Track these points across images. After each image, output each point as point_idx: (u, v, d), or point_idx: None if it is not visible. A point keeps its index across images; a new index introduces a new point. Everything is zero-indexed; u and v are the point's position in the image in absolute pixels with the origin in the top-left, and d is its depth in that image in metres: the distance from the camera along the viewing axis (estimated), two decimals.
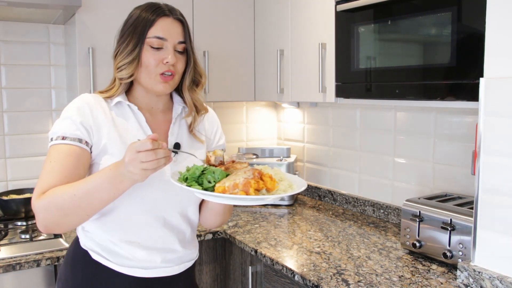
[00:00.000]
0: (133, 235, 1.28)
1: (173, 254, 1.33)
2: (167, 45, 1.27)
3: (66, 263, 1.36)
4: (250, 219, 2.21)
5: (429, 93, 1.53)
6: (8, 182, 2.29)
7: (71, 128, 1.21)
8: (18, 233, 2.00)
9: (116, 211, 1.26)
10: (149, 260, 1.29)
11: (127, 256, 1.28)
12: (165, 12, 1.28)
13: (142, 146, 1.03)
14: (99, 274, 1.28)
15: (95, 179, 1.12)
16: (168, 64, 1.26)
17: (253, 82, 2.51)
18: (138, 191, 1.24)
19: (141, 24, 1.27)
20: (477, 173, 1.30)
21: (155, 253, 1.30)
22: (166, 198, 1.30)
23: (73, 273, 1.32)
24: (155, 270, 1.30)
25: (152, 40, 1.26)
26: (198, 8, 2.29)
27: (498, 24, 1.24)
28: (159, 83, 1.28)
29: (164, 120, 1.37)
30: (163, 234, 1.31)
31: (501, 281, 1.24)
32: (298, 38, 2.17)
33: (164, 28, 1.27)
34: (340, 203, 2.44)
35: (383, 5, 1.64)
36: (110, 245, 1.28)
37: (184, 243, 1.36)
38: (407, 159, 2.09)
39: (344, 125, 2.43)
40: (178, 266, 1.34)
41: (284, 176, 1.16)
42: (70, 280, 1.32)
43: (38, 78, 2.32)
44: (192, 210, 1.38)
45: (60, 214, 1.14)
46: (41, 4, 1.83)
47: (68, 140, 1.20)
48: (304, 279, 1.55)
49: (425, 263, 1.64)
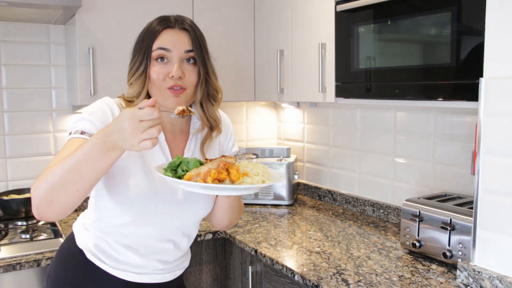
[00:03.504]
0: (133, 242, 1.28)
1: (167, 265, 1.35)
2: (172, 56, 1.21)
3: (58, 260, 1.35)
4: (250, 219, 2.21)
5: (429, 93, 1.53)
6: (8, 182, 2.29)
7: (90, 128, 1.17)
8: (18, 233, 2.00)
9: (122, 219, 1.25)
10: (143, 266, 1.30)
11: (122, 259, 1.28)
12: (170, 24, 1.23)
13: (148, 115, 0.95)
14: (90, 274, 1.28)
15: (82, 148, 1.02)
16: (174, 78, 1.20)
17: (253, 82, 2.52)
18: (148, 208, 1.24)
19: (147, 37, 1.24)
20: (477, 173, 1.30)
21: (150, 260, 1.31)
22: (175, 221, 1.30)
23: (64, 270, 1.32)
24: (147, 276, 1.31)
25: (156, 52, 1.21)
26: (198, 8, 2.29)
27: (498, 24, 1.24)
28: (169, 98, 1.21)
29: (182, 139, 1.33)
30: (162, 247, 1.32)
31: (501, 281, 1.24)
32: (298, 38, 2.17)
33: (168, 39, 1.22)
34: (340, 203, 2.44)
35: (383, 5, 1.64)
36: (106, 247, 1.28)
37: (180, 255, 1.39)
38: (407, 159, 2.09)
39: (344, 125, 2.43)
40: (169, 274, 1.36)
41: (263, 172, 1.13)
42: (60, 277, 1.32)
43: (38, 78, 2.32)
44: (194, 229, 1.39)
45: (49, 190, 1.03)
46: (41, 4, 1.83)
47: (86, 136, 1.15)
48: (304, 279, 1.55)
49: (425, 263, 1.64)
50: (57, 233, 2.00)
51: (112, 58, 2.09)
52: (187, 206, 1.29)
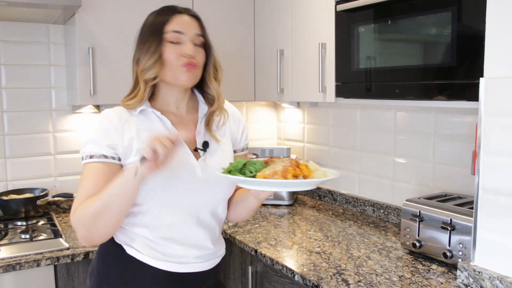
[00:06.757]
0: (168, 233, 1.31)
1: (205, 251, 1.36)
2: (184, 38, 1.30)
3: (99, 257, 1.38)
4: (250, 219, 2.21)
5: (429, 93, 1.53)
6: (8, 182, 2.29)
7: (97, 150, 1.27)
8: (18, 233, 2.00)
9: (151, 211, 1.29)
10: (183, 256, 1.32)
11: (162, 251, 1.30)
12: (179, 10, 1.34)
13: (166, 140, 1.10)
14: (132, 268, 1.31)
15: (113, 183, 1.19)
16: (188, 55, 1.29)
17: (253, 82, 2.51)
18: (171, 192, 1.28)
19: (158, 24, 1.32)
20: (477, 173, 1.30)
21: (189, 249, 1.33)
22: (199, 197, 1.33)
23: (106, 267, 1.35)
24: (188, 266, 1.33)
25: (170, 35, 1.30)
26: (198, 8, 2.29)
27: (498, 24, 1.24)
28: (183, 74, 1.30)
29: (190, 120, 1.40)
30: (196, 232, 1.34)
31: (501, 281, 1.24)
32: (298, 38, 2.17)
33: (180, 22, 1.31)
34: (340, 203, 2.44)
35: (383, 5, 1.64)
36: (145, 240, 1.30)
37: (214, 240, 1.40)
38: (407, 159, 2.09)
39: (344, 125, 2.43)
40: (208, 262, 1.38)
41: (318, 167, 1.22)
42: (103, 273, 1.35)
43: (38, 78, 2.32)
44: (222, 208, 1.41)
45: (90, 222, 1.21)
46: (41, 4, 1.83)
47: (95, 158, 1.26)
48: (304, 279, 1.55)
49: (425, 263, 1.64)
50: (57, 233, 2.00)
51: (112, 58, 2.09)
52: (208, 185, 1.33)
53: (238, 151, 1.49)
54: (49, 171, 2.37)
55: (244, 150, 1.51)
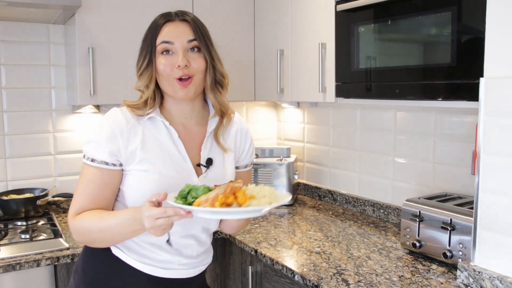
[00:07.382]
0: (157, 240, 1.30)
1: (192, 259, 1.37)
2: (175, 48, 1.26)
3: (85, 255, 1.38)
4: (250, 219, 2.21)
5: (429, 93, 1.53)
6: (8, 182, 2.29)
7: (98, 153, 1.25)
8: (18, 233, 2.00)
9: None
10: (168, 261, 1.32)
11: (149, 255, 1.31)
12: (170, 18, 1.29)
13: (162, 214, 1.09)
14: (117, 269, 1.31)
15: (117, 219, 1.21)
16: (180, 67, 1.25)
17: (253, 82, 2.51)
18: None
19: (150, 33, 1.30)
20: (477, 173, 1.30)
21: (176, 256, 1.33)
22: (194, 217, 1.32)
23: (91, 266, 1.34)
24: (173, 271, 1.33)
25: (160, 46, 1.27)
26: (198, 8, 2.29)
27: (498, 24, 1.24)
28: (178, 90, 1.27)
29: (198, 133, 1.37)
30: (186, 243, 1.34)
31: (501, 281, 1.24)
32: (298, 38, 2.17)
33: (169, 32, 1.27)
34: (340, 203, 2.44)
35: (383, 5, 1.64)
36: (132, 244, 1.30)
37: (203, 251, 1.41)
38: (407, 159, 2.09)
39: (344, 125, 2.43)
40: (194, 269, 1.38)
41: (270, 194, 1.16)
42: (87, 272, 1.35)
43: (38, 78, 2.32)
44: (214, 223, 1.41)
45: (89, 240, 1.29)
46: (41, 4, 1.83)
47: (96, 163, 1.26)
48: (304, 279, 1.55)
49: (425, 263, 1.64)
50: (56, 233, 1.99)
51: (112, 58, 2.09)
52: None
53: (241, 168, 1.46)
54: (49, 171, 2.37)
55: (247, 167, 1.48)
